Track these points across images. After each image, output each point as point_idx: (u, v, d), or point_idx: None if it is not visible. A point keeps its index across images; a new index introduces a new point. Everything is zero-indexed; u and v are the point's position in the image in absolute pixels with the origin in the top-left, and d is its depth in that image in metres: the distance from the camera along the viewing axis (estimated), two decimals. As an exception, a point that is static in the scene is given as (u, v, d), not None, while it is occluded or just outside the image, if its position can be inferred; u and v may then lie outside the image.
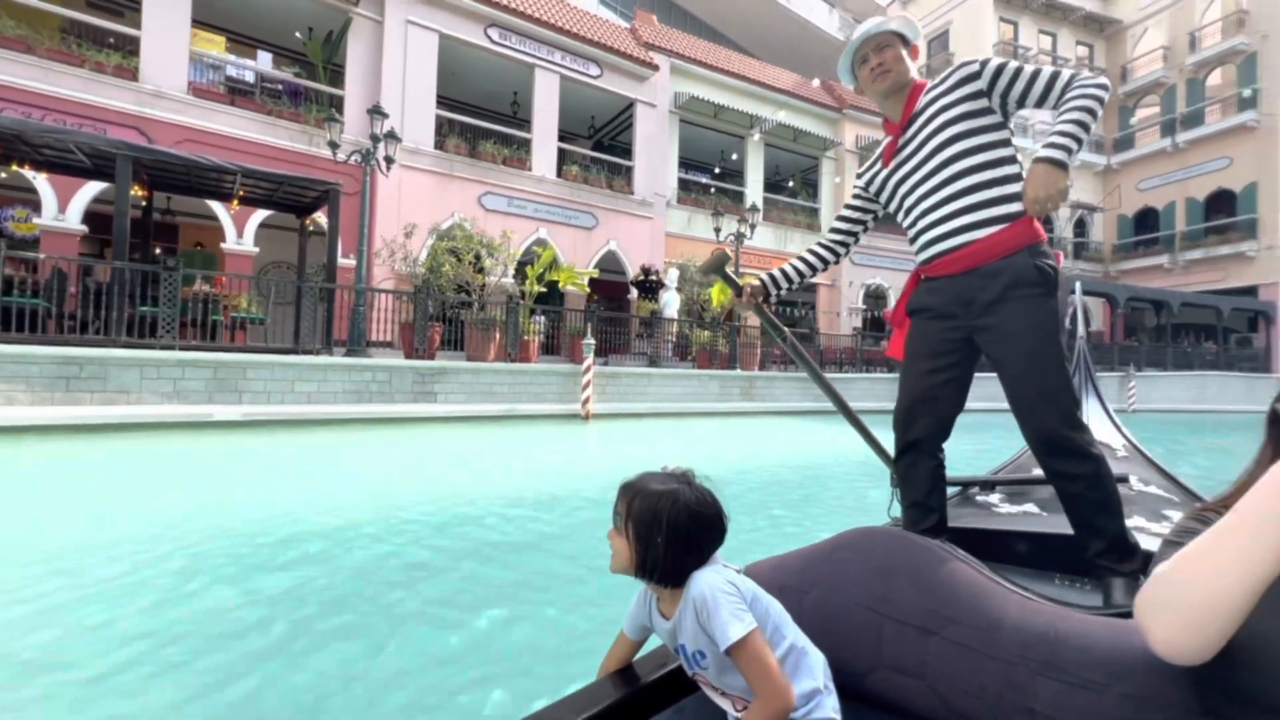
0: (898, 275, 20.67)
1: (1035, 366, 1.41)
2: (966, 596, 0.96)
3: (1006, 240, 1.41)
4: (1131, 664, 0.78)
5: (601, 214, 16.03)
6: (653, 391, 10.71)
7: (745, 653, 0.84)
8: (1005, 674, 0.87)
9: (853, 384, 13.34)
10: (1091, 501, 1.39)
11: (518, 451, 6.70)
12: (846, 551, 1.08)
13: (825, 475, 5.86)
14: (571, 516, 3.86)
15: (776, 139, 19.63)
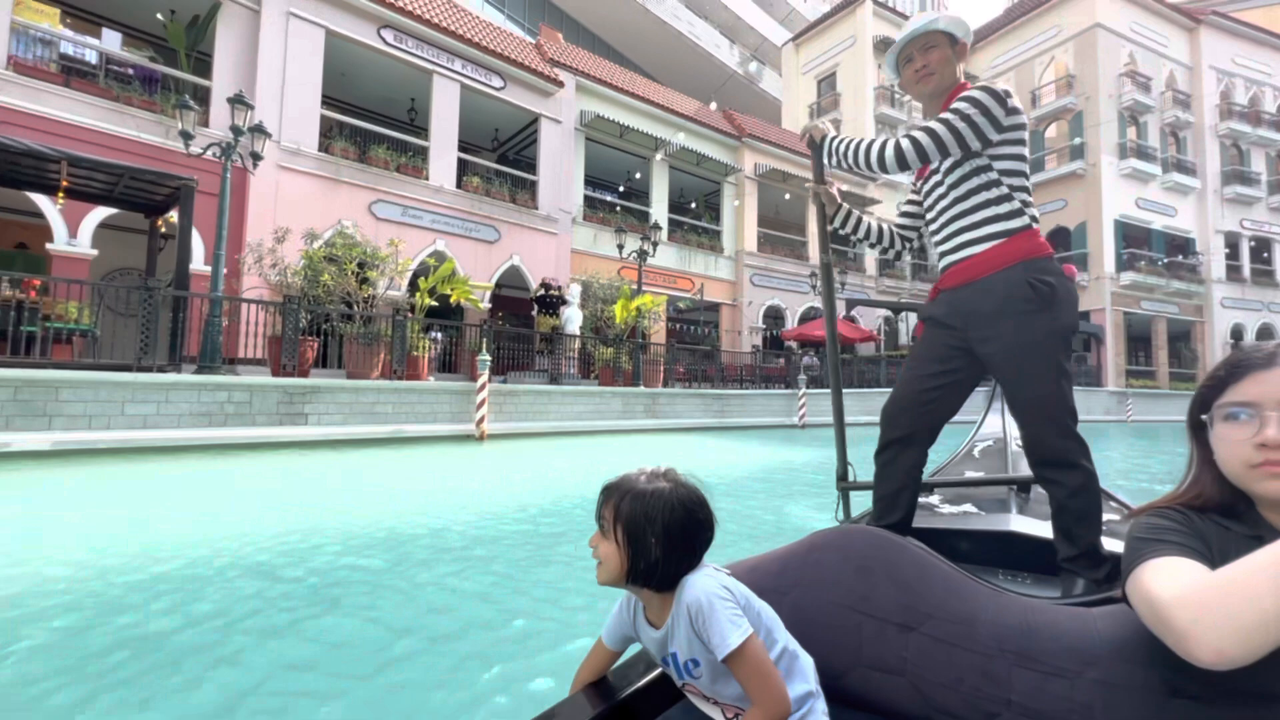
0: (794, 297, 21.63)
1: (1028, 381, 1.46)
2: (942, 592, 0.97)
3: (999, 255, 1.49)
4: (1100, 651, 0.82)
5: (504, 228, 15.50)
6: (554, 410, 10.30)
7: (743, 660, 0.82)
8: (983, 666, 0.89)
9: (751, 400, 13.62)
10: (1073, 511, 1.44)
11: (389, 477, 6.06)
12: (823, 552, 1.08)
13: (739, 490, 5.76)
14: (404, 556, 3.27)
15: (680, 162, 20.04)
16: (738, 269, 21.07)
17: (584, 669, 1.00)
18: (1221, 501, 0.76)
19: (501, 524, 4.11)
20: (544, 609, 2.53)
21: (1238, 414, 0.71)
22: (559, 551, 3.48)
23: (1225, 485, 0.75)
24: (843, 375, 16.97)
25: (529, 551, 3.48)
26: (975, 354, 1.55)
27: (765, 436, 11.64)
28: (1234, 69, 26.09)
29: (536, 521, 4.24)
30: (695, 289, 17.68)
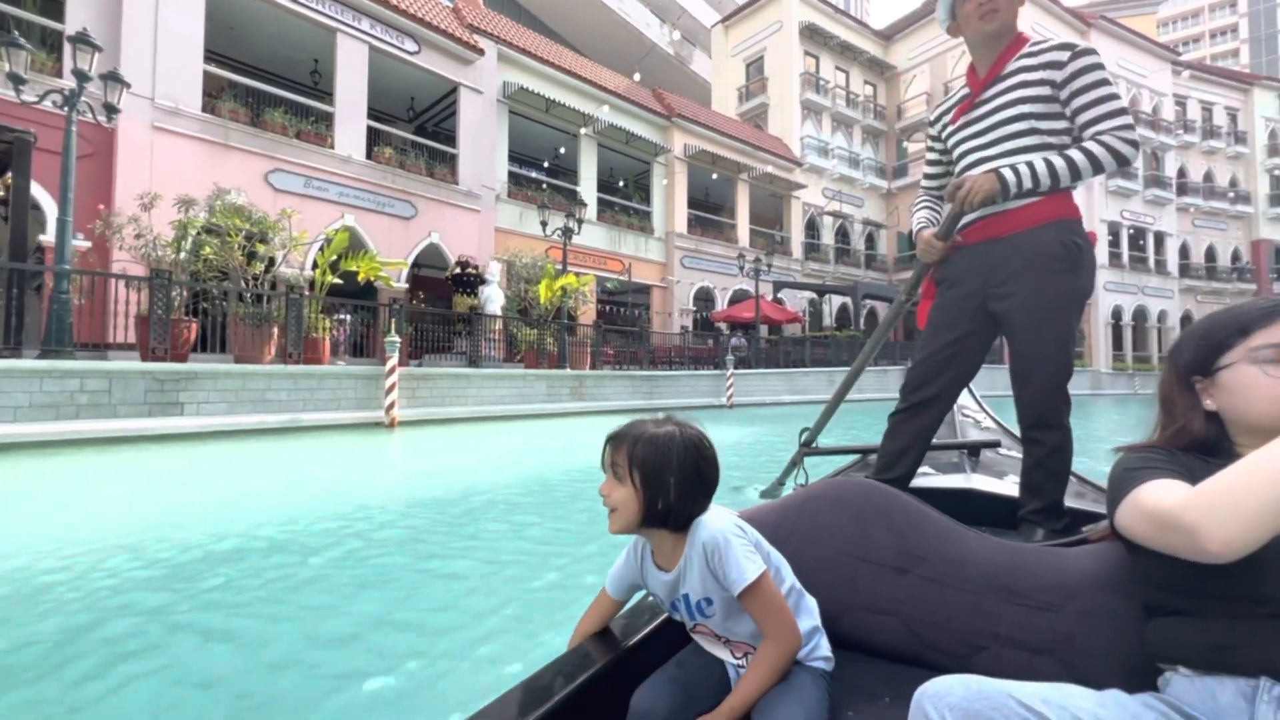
0: (724, 278, 21.71)
1: (1039, 339, 1.45)
2: (935, 538, 1.03)
3: (1037, 212, 1.45)
4: (1081, 584, 0.91)
5: (422, 203, 14.52)
6: (472, 394, 9.73)
7: (758, 594, 0.85)
8: (973, 604, 0.96)
9: (679, 381, 13.50)
10: (1049, 467, 1.48)
11: (276, 472, 5.41)
12: (818, 502, 1.13)
13: None
14: (265, 570, 2.82)
15: (609, 140, 19.51)
16: (668, 250, 20.88)
17: (586, 620, 1.00)
18: (1206, 440, 0.80)
19: (358, 527, 3.65)
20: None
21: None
22: (434, 567, 3.07)
23: (1211, 426, 0.80)
24: (770, 356, 17.13)
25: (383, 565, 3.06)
26: (989, 311, 1.53)
27: (694, 417, 11.53)
28: (1119, 71, 28.19)
29: (416, 528, 3.80)
30: (624, 270, 17.33)
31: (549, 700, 0.77)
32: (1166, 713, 0.69)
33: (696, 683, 0.92)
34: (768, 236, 24.27)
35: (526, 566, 2.84)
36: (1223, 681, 0.68)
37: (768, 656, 0.85)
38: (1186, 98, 30.20)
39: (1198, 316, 25.04)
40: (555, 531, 3.46)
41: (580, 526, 3.55)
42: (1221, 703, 0.68)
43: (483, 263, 11.82)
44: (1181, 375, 0.83)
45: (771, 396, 15.75)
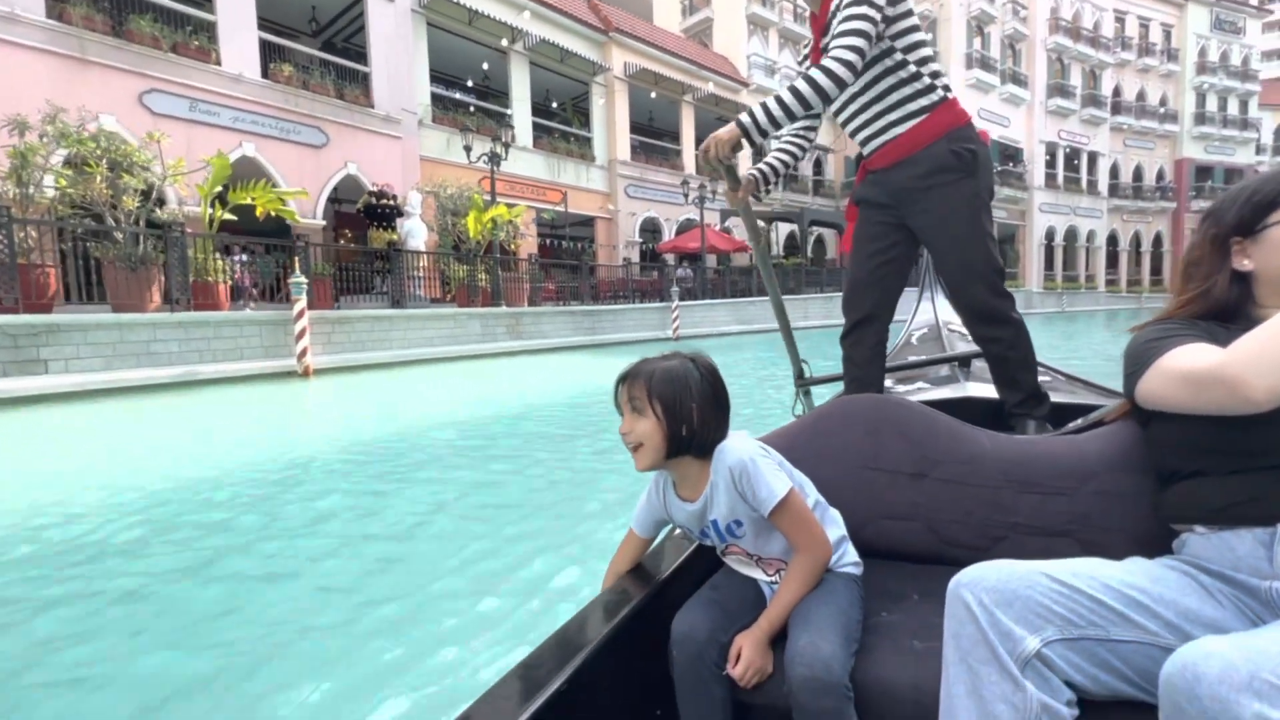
0: (671, 208, 20.90)
1: (958, 245, 1.50)
2: (947, 440, 1.07)
3: (924, 131, 1.48)
4: (1095, 467, 0.95)
5: (334, 129, 13.04)
6: (397, 337, 9.04)
7: (788, 510, 0.87)
8: (990, 498, 1.00)
9: (623, 315, 13.05)
10: (1013, 360, 1.53)
11: (166, 435, 4.79)
12: (830, 421, 1.16)
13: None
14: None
15: (542, 57, 17.91)
16: (611, 179, 19.84)
17: (618, 560, 1.01)
18: (1226, 305, 0.82)
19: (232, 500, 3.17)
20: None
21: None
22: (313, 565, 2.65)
23: (1234, 289, 0.82)
24: (716, 286, 16.79)
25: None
26: (908, 227, 1.58)
27: (640, 351, 11.19)
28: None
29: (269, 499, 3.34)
30: (560, 200, 16.36)
31: (594, 639, 0.78)
32: (1186, 569, 0.72)
33: (732, 602, 0.93)
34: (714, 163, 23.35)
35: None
36: (1239, 534, 0.70)
37: (800, 567, 0.88)
38: (1126, 13, 30.01)
39: (1123, 236, 25.79)
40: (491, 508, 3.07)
41: (524, 494, 3.16)
42: (1240, 553, 0.70)
43: (403, 194, 10.72)
44: (1222, 235, 0.83)
45: (719, 327, 15.54)
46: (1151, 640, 0.65)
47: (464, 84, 18.76)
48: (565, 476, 3.41)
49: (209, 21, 11.48)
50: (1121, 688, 0.66)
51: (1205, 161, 32.54)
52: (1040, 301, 27.02)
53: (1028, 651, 0.64)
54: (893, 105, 1.51)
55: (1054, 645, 0.65)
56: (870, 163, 1.61)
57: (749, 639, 0.84)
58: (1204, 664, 0.53)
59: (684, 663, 0.86)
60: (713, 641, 0.86)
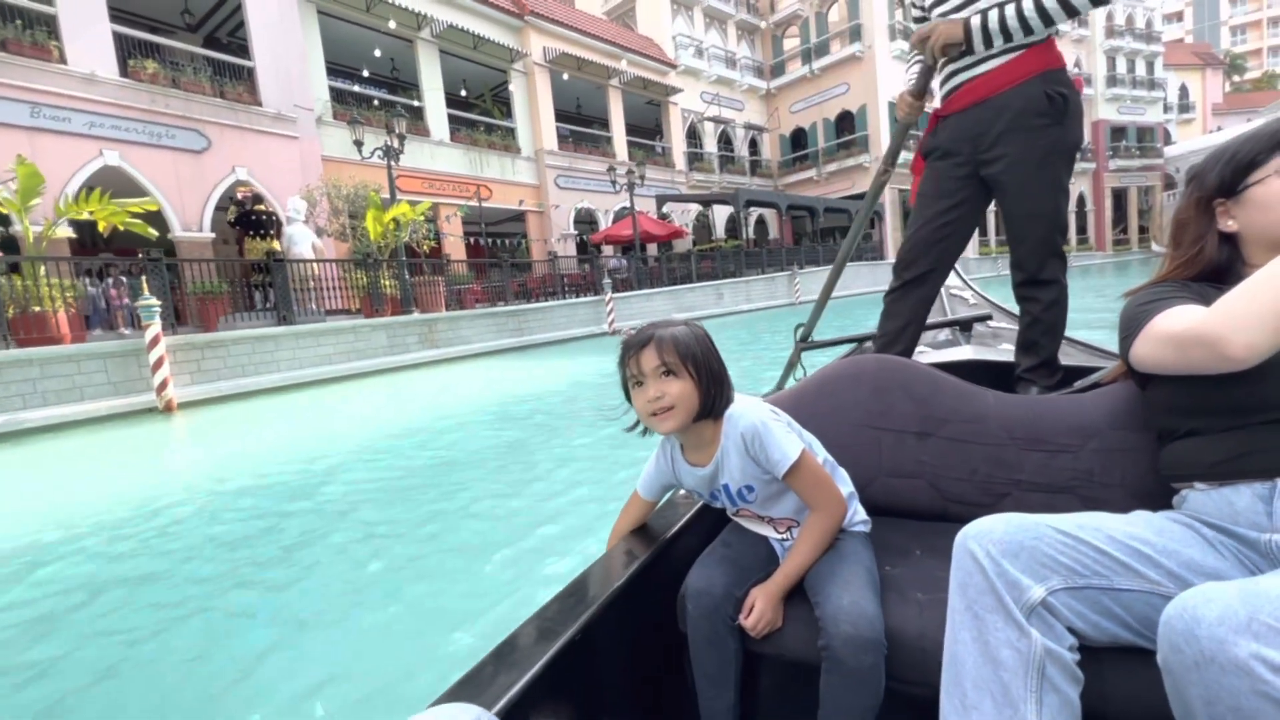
0: (605, 197, 20.05)
1: (1032, 195, 1.41)
2: (953, 400, 1.08)
3: (1017, 68, 1.38)
4: (1097, 425, 0.96)
5: (215, 131, 11.72)
6: (285, 357, 8.03)
7: (801, 470, 0.87)
8: (995, 455, 1.01)
9: (552, 312, 12.24)
10: (1045, 323, 1.47)
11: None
12: (836, 382, 1.16)
13: (549, 417, 4.40)
14: None
15: (453, 45, 16.74)
16: (539, 170, 18.87)
17: (622, 521, 1.02)
18: (1216, 265, 0.82)
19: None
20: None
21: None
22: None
23: (1224, 248, 0.82)
24: (654, 274, 16.10)
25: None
26: (980, 177, 1.48)
27: (574, 350, 10.48)
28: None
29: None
30: (473, 195, 15.35)
31: (606, 591, 0.78)
32: (1189, 523, 0.73)
33: (745, 558, 0.93)
34: (647, 149, 22.63)
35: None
36: (1238, 489, 0.71)
37: (818, 525, 0.89)
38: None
39: (1049, 196, 26.33)
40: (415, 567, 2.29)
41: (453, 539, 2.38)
42: (1238, 507, 0.71)
43: (277, 197, 9.53)
44: (1205, 198, 0.84)
45: (658, 317, 14.75)
46: (1154, 589, 0.66)
47: (369, 77, 17.44)
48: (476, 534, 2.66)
49: (47, 14, 10.02)
50: (1122, 634, 0.67)
51: (1119, 122, 33.61)
52: (976, 267, 27.41)
53: (1033, 600, 0.65)
54: None
55: (1059, 594, 0.65)
56: (952, 102, 1.49)
57: (764, 592, 0.86)
58: (1204, 607, 0.54)
59: (699, 615, 0.87)
60: (728, 596, 0.87)
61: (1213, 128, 39.78)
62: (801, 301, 19.37)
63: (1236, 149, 0.80)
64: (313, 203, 10.08)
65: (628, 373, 0.88)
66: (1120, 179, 33.87)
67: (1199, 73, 40.36)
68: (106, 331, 9.06)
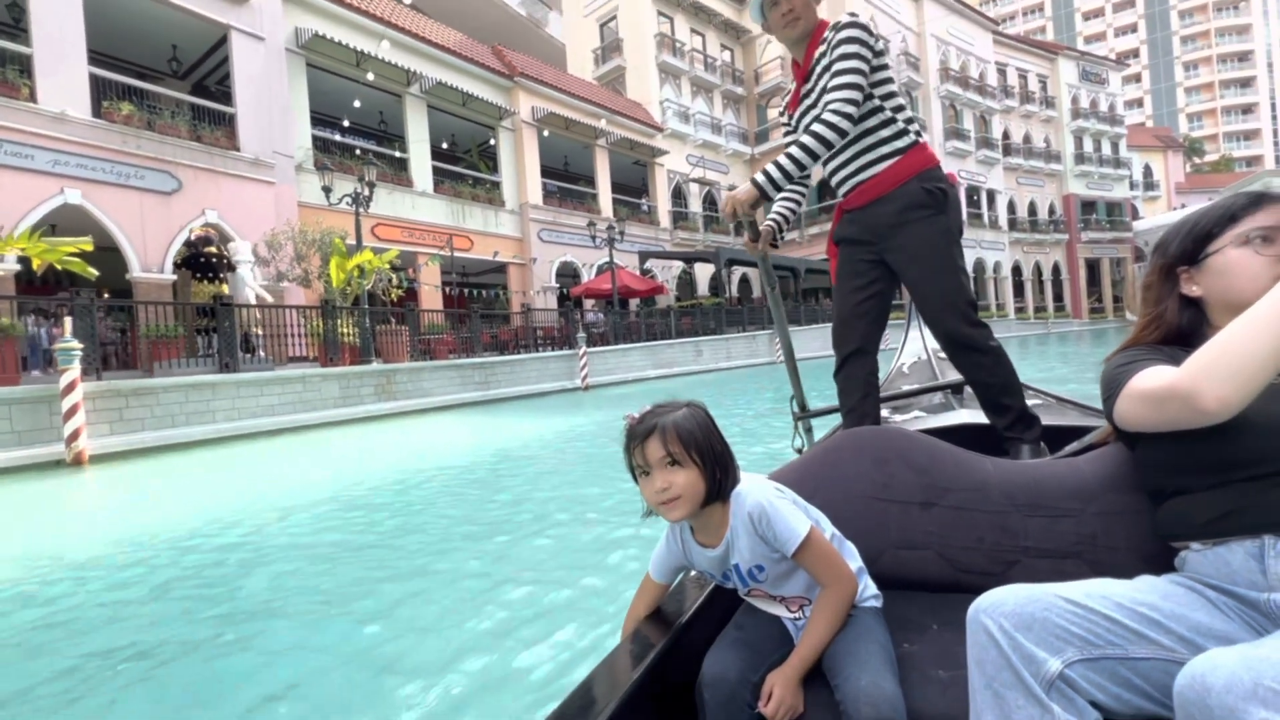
0: (589, 251, 20.06)
1: (932, 277, 1.56)
2: (953, 468, 1.08)
3: (897, 172, 1.57)
4: (1096, 488, 0.97)
5: (189, 174, 11.57)
6: (223, 407, 7.50)
7: (811, 548, 0.87)
8: (999, 523, 1.01)
9: (522, 366, 11.84)
10: (995, 385, 1.56)
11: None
12: (839, 453, 1.16)
13: (519, 471, 3.89)
14: None
15: (443, 101, 17.07)
16: (523, 223, 18.93)
17: (636, 607, 1.00)
18: (1180, 330, 0.86)
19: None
20: None
21: (1270, 236, 0.79)
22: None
23: (1187, 312, 0.86)
24: (632, 329, 15.87)
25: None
26: (886, 263, 1.63)
27: (542, 406, 10.01)
28: (949, 39, 29.50)
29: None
30: (444, 245, 15.23)
31: (622, 686, 0.78)
32: (1192, 585, 0.73)
33: (759, 640, 0.93)
34: (633, 206, 22.95)
35: None
36: (1231, 547, 0.71)
37: (830, 603, 0.87)
38: (1006, 65, 32.37)
39: (1025, 267, 26.77)
40: None
41: None
42: (1234, 567, 0.71)
43: (219, 237, 9.14)
44: (1168, 265, 0.88)
45: (634, 373, 14.54)
46: (1168, 656, 0.66)
47: (357, 127, 17.64)
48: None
49: (21, 54, 9.97)
50: (1144, 705, 0.67)
51: (1088, 196, 34.98)
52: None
53: (1051, 673, 0.65)
54: (870, 147, 1.59)
55: (1075, 666, 0.65)
56: (848, 202, 1.67)
57: (781, 677, 0.84)
58: (1211, 675, 0.55)
59: (716, 705, 0.85)
60: (744, 682, 0.86)
61: (1177, 205, 41.53)
62: (782, 360, 19.19)
63: (1196, 221, 0.86)
64: (276, 247, 9.80)
65: (633, 461, 0.88)
66: (1093, 250, 34.91)
67: (1161, 154, 42.50)
68: (45, 373, 8.51)
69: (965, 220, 19.80)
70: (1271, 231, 0.80)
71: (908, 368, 2.64)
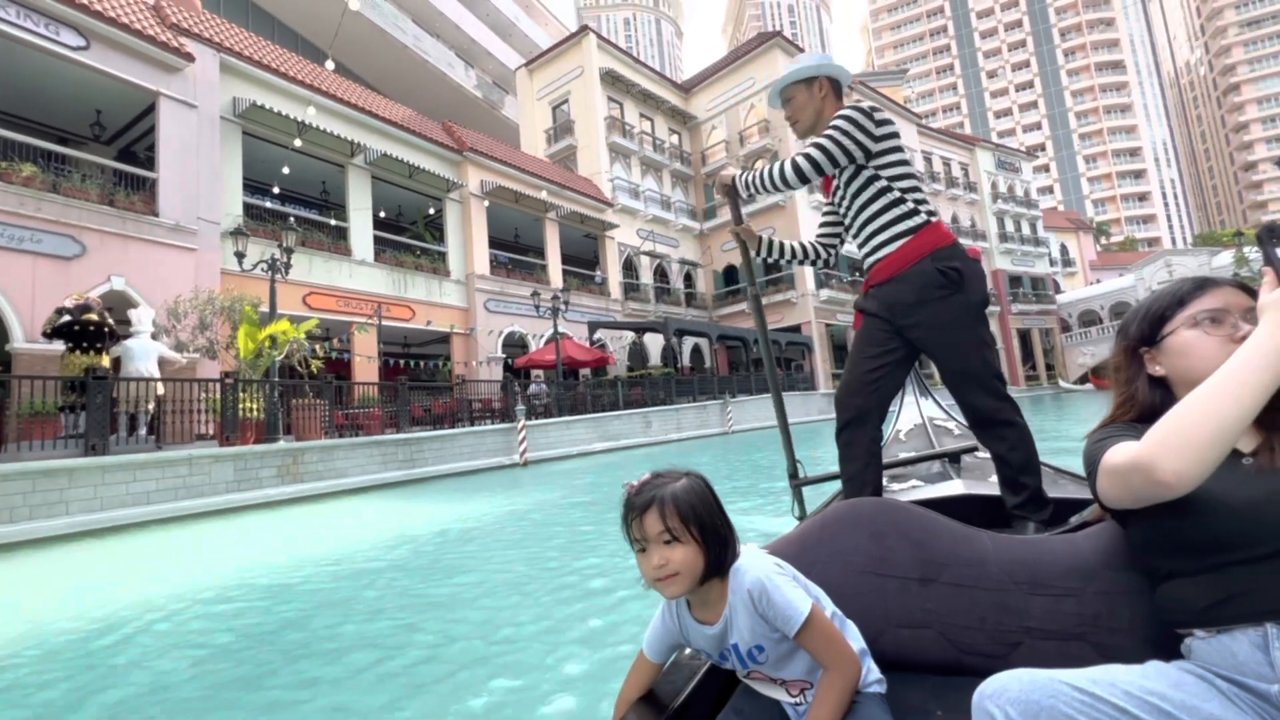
0: (536, 322, 19.71)
1: (956, 354, 1.59)
2: (950, 543, 1.04)
3: (910, 252, 1.61)
4: (1095, 566, 0.93)
5: (94, 238, 10.80)
6: (80, 497, 6.46)
7: (812, 629, 0.84)
8: (1000, 601, 0.97)
9: (453, 441, 11.04)
10: (1016, 463, 1.54)
11: None
12: (835, 526, 1.12)
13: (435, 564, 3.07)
14: None
15: (388, 172, 16.98)
16: (469, 293, 18.55)
17: (628, 688, 0.96)
18: (1153, 405, 0.86)
19: None
20: None
21: (1217, 318, 0.82)
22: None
23: (1155, 391, 0.87)
24: (577, 401, 15.30)
25: None
26: (906, 338, 1.64)
27: (475, 485, 9.19)
28: (878, 128, 31.92)
29: None
30: (372, 315, 14.63)
31: None
32: (1203, 675, 0.70)
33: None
34: (585, 278, 23.01)
35: None
36: (1235, 636, 0.70)
37: (834, 687, 0.84)
38: (931, 153, 35.18)
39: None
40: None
41: None
42: (1240, 658, 0.69)
43: (98, 303, 8.28)
44: (1131, 347, 0.90)
45: (579, 446, 13.85)
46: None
47: (297, 196, 17.25)
48: None
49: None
50: None
51: (1014, 271, 37.39)
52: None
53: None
54: (881, 227, 1.66)
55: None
56: (872, 276, 1.70)
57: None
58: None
59: None
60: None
61: (1092, 279, 44.94)
62: (734, 430, 18.84)
63: (1149, 305, 0.90)
64: (179, 315, 9.02)
65: (630, 535, 0.86)
66: (1023, 321, 36.92)
67: (1074, 234, 46.35)
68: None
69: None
70: (1218, 314, 0.83)
71: (904, 434, 2.60)
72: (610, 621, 2.81)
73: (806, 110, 1.76)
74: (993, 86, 78.89)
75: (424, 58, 28.40)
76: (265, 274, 9.73)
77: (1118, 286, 38.16)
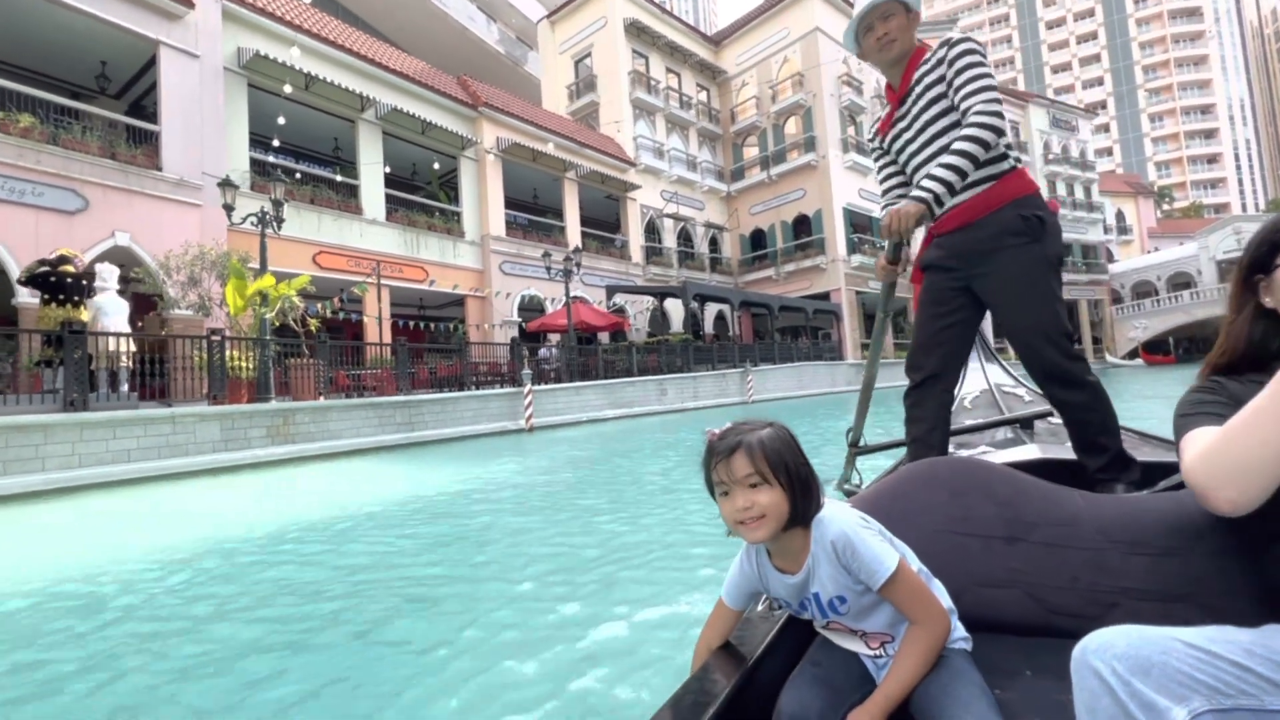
0: (552, 285, 19.13)
1: (1027, 308, 1.50)
2: (1039, 501, 0.99)
3: (992, 197, 1.53)
4: (1205, 525, 0.84)
5: (96, 192, 10.58)
6: (57, 453, 6.26)
7: (899, 582, 0.82)
8: (1095, 561, 0.91)
9: (454, 405, 10.68)
10: (1092, 423, 1.47)
11: None
12: (910, 484, 1.09)
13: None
14: None
15: (400, 128, 16.37)
16: (484, 255, 18.05)
17: (708, 633, 0.95)
18: (1248, 354, 0.80)
19: None
20: None
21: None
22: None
23: (1260, 325, 0.80)
24: (588, 367, 14.77)
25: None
26: (973, 290, 1.58)
27: (475, 451, 8.83)
28: (922, 83, 29.70)
29: None
30: (372, 273, 14.21)
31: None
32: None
33: (838, 678, 0.88)
34: (605, 240, 22.24)
35: None
36: None
37: (922, 641, 0.81)
38: (979, 110, 32.67)
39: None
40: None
41: None
42: None
43: (77, 257, 7.96)
44: (1245, 274, 0.82)
45: (589, 412, 13.39)
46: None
47: (306, 152, 16.83)
48: None
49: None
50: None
51: (1065, 239, 34.95)
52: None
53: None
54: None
55: (1203, 717, 0.58)
56: (939, 226, 1.63)
57: (866, 716, 0.79)
58: None
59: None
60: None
61: (1150, 248, 41.81)
62: (754, 400, 18.12)
63: (1268, 227, 0.80)
64: (170, 271, 8.73)
65: (714, 478, 0.85)
66: (1070, 292, 34.63)
67: (1133, 200, 43.02)
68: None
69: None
70: None
71: (969, 401, 2.50)
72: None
73: (908, 32, 1.64)
74: (1051, 39, 73.01)
75: (444, 10, 27.38)
76: (255, 228, 9.32)
77: (1177, 256, 35.37)
